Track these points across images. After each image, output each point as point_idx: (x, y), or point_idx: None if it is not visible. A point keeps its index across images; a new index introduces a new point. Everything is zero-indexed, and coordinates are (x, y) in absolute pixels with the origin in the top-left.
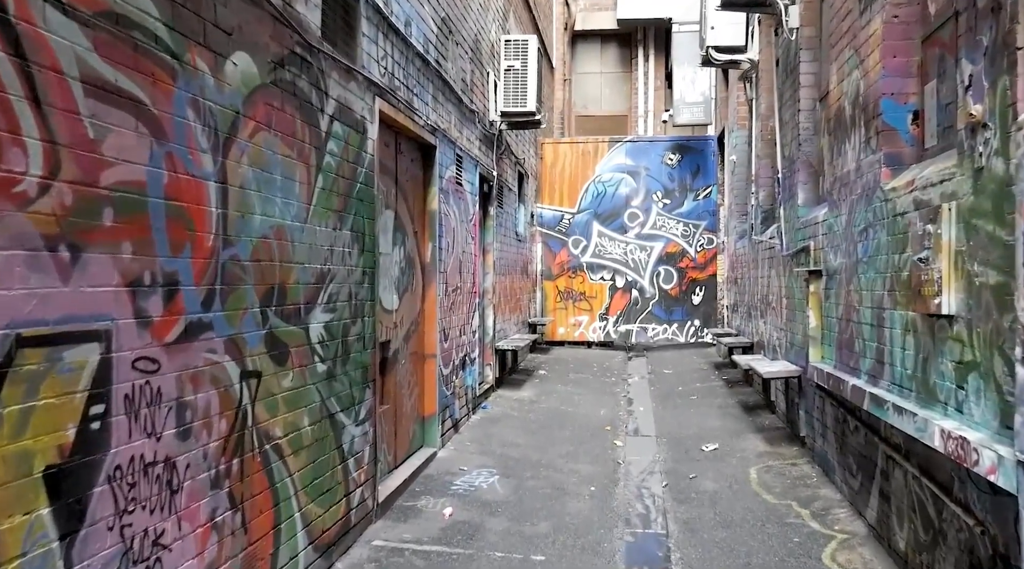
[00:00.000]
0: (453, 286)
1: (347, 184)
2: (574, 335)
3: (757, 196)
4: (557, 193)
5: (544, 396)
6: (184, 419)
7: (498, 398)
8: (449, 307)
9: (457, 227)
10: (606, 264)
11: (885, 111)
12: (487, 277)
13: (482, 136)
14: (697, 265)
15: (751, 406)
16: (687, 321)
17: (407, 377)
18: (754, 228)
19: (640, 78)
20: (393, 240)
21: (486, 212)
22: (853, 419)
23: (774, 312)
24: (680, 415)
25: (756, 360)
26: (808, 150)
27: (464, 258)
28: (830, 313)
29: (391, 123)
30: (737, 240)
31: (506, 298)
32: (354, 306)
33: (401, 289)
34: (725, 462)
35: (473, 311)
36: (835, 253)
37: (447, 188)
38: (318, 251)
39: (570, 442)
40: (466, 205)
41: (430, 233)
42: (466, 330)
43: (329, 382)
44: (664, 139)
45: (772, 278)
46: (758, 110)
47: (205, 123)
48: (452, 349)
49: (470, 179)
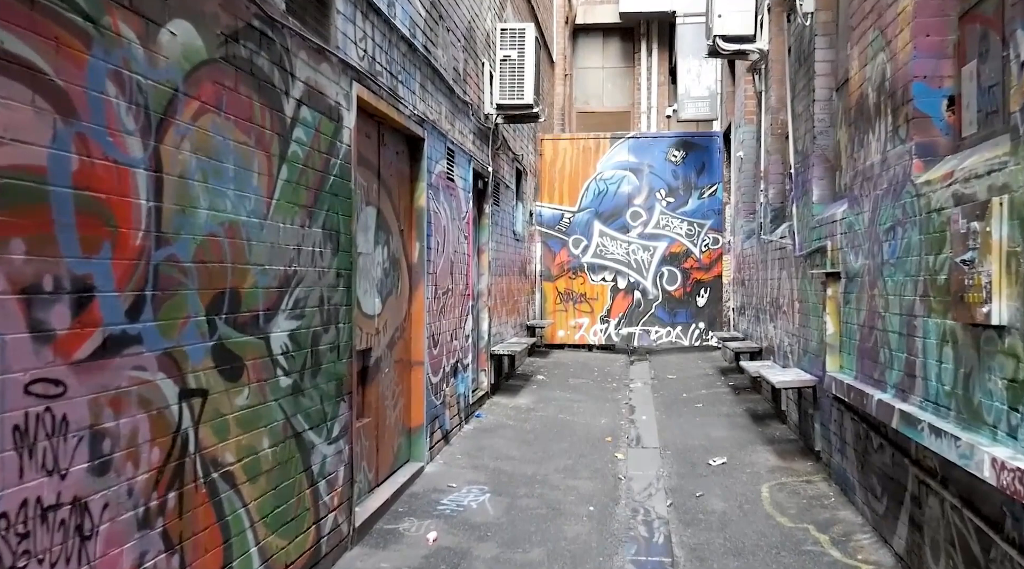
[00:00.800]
0: (444, 288)
1: (318, 177)
2: (574, 338)
3: (766, 193)
4: (557, 191)
5: (542, 403)
6: (100, 450)
7: (493, 406)
8: (439, 311)
9: (448, 225)
10: (608, 264)
11: (917, 96)
12: (482, 278)
13: (476, 130)
14: (702, 266)
15: (760, 415)
16: (691, 324)
17: (391, 387)
18: (763, 227)
19: (643, 73)
20: (375, 239)
21: (481, 210)
22: (877, 436)
23: (785, 316)
24: (685, 424)
25: (766, 368)
26: (824, 143)
27: (456, 258)
28: (850, 319)
29: (372, 112)
30: (744, 240)
31: (503, 300)
32: (326, 312)
33: (384, 292)
34: (734, 478)
35: (466, 315)
36: (856, 254)
37: (437, 184)
38: (282, 251)
39: (568, 455)
40: (458, 202)
41: (417, 232)
42: (458, 335)
43: (295, 397)
44: (668, 135)
45: (783, 280)
46: (768, 103)
47: (132, 101)
48: (442, 356)
49: (463, 175)
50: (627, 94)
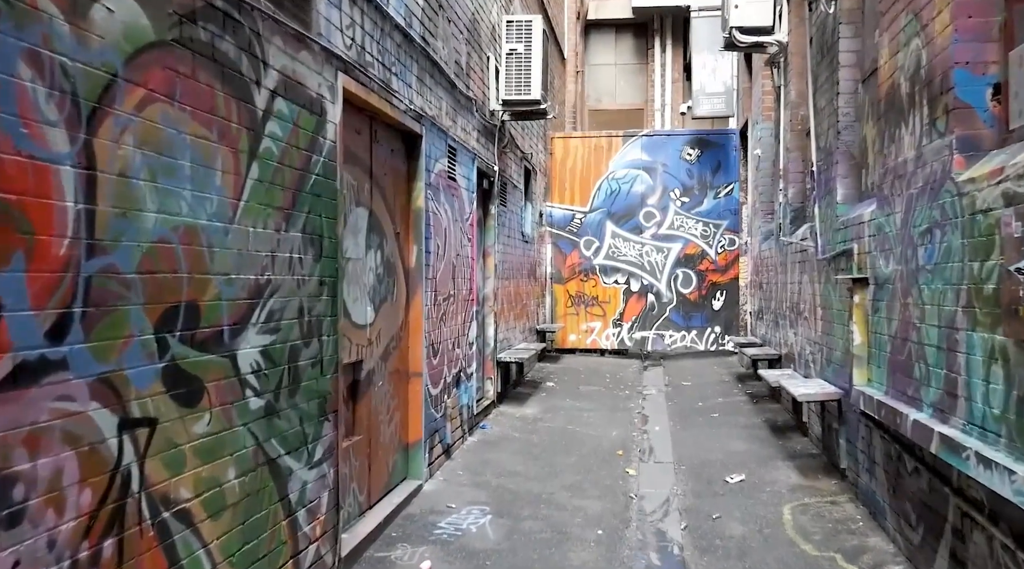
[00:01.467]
0: (444, 294)
1: (297, 176)
2: (586, 342)
3: (786, 193)
4: (568, 191)
5: (550, 413)
6: (9, 499)
7: (499, 416)
8: (439, 318)
9: (450, 227)
10: (620, 266)
11: (958, 85)
12: (487, 282)
13: (481, 127)
14: (718, 268)
15: (780, 427)
16: (707, 328)
17: (386, 401)
18: (782, 228)
19: (657, 70)
20: (367, 243)
21: (486, 211)
22: (911, 459)
23: (806, 323)
24: (701, 436)
25: (787, 378)
26: (848, 139)
27: (458, 262)
28: (879, 329)
29: (362, 106)
30: (762, 241)
31: (510, 304)
32: (307, 324)
33: (378, 300)
34: (753, 498)
35: (469, 321)
36: (886, 258)
37: (437, 183)
38: (252, 258)
39: (576, 470)
40: (461, 203)
41: (415, 234)
42: (461, 342)
43: (269, 420)
44: (682, 133)
45: (804, 284)
46: (787, 98)
47: (55, 87)
48: (443, 365)
49: (466, 174)
50: (640, 91)
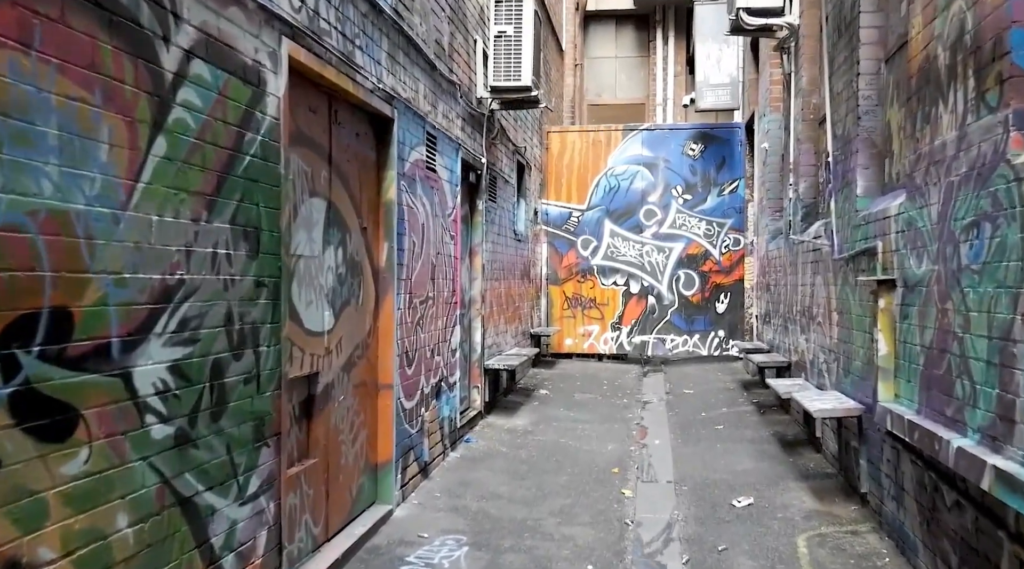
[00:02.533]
0: (422, 296)
1: (224, 156)
2: (583, 347)
3: (796, 188)
4: (564, 187)
5: (542, 425)
6: None
7: (486, 428)
8: (415, 323)
9: (428, 223)
10: (619, 267)
11: (1015, 48)
12: (474, 284)
13: (467, 115)
14: (722, 269)
15: (790, 441)
16: (710, 332)
17: (349, 417)
18: (792, 226)
19: (659, 63)
20: (325, 238)
21: (473, 206)
22: (953, 491)
23: (820, 328)
24: (704, 452)
25: (799, 390)
26: (869, 125)
27: (439, 261)
28: (910, 338)
29: (317, 80)
30: (769, 240)
31: (501, 307)
32: (238, 332)
33: (339, 303)
34: (764, 525)
35: (453, 325)
36: (918, 257)
37: (412, 174)
38: (156, 254)
39: (567, 492)
40: (442, 197)
41: (386, 230)
42: (442, 349)
43: (180, 452)
44: (685, 127)
45: (818, 286)
46: (798, 85)
47: None
48: (419, 375)
49: (448, 165)
50: (642, 85)
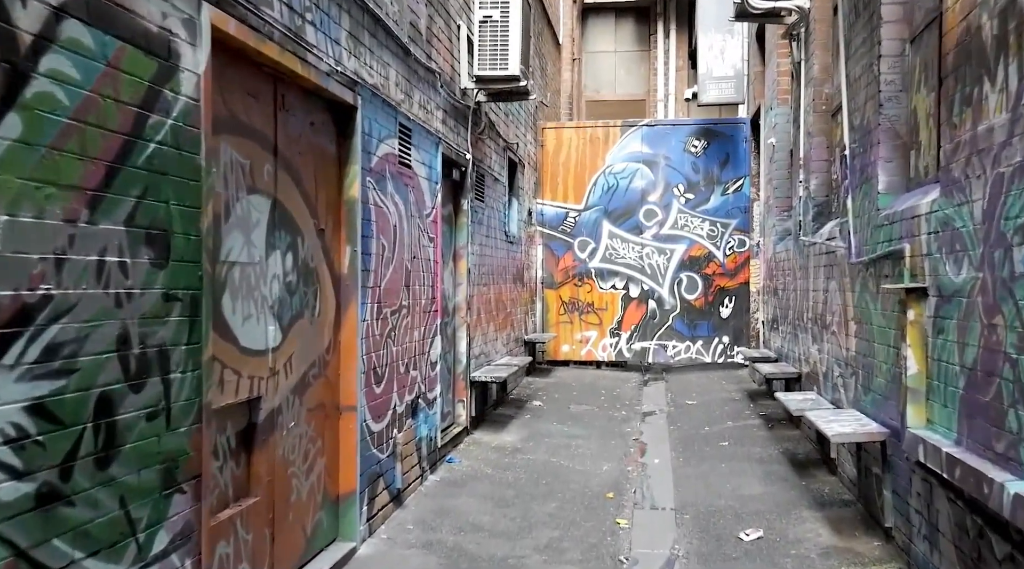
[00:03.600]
0: (394, 305)
1: (116, 143)
2: (580, 353)
3: (807, 185)
4: (561, 186)
5: (532, 442)
6: None
7: (472, 446)
8: (385, 335)
9: (402, 224)
10: (618, 270)
11: None
12: (459, 289)
13: (449, 107)
14: (726, 271)
15: (802, 461)
16: (714, 338)
17: (302, 445)
18: (803, 227)
19: (660, 57)
20: (269, 242)
21: (458, 206)
22: (1004, 542)
23: (834, 338)
24: (708, 473)
25: (812, 407)
26: (893, 113)
27: (416, 266)
28: (946, 356)
29: (256, 59)
30: (777, 242)
31: (490, 313)
32: (139, 358)
33: (288, 316)
34: (776, 564)
35: (433, 335)
36: (956, 262)
37: (382, 169)
38: (6, 264)
39: (555, 522)
40: (420, 195)
41: (348, 232)
42: (419, 362)
43: (45, 513)
44: (687, 123)
45: (832, 292)
46: (808, 75)
47: None
48: (391, 393)
49: (427, 161)
50: (642, 80)
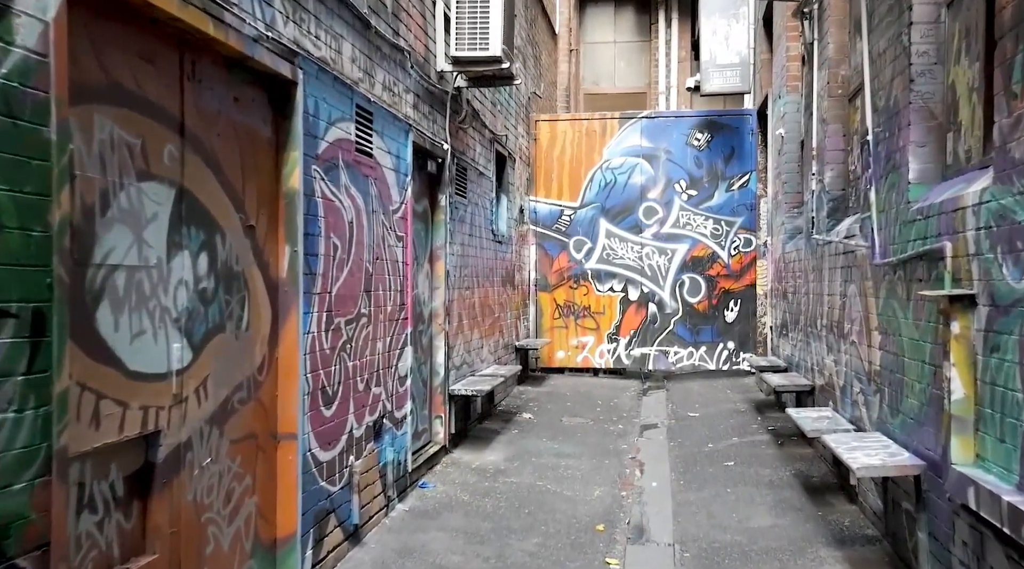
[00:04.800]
0: (349, 313)
1: None
2: (576, 360)
3: (821, 178)
4: (555, 182)
5: (518, 461)
6: None
7: (450, 467)
8: (337, 348)
9: (361, 221)
10: (616, 271)
11: None
12: (436, 293)
13: (422, 91)
14: (731, 273)
15: (816, 485)
16: (718, 343)
17: (222, 485)
18: (816, 223)
19: (661, 47)
20: (173, 240)
21: (434, 201)
22: None
23: (855, 349)
24: (712, 500)
25: (829, 426)
26: (926, 90)
27: (379, 268)
28: (1004, 379)
29: (150, 14)
30: (787, 241)
31: (474, 319)
32: None
33: (201, 330)
34: None
35: (402, 346)
36: (1018, 263)
37: (333, 157)
38: None
39: (535, 563)
40: (385, 188)
41: (288, 229)
42: (384, 377)
43: None
44: (689, 114)
45: (851, 297)
46: (823, 56)
47: None
48: (346, 414)
49: (393, 150)
50: (642, 72)
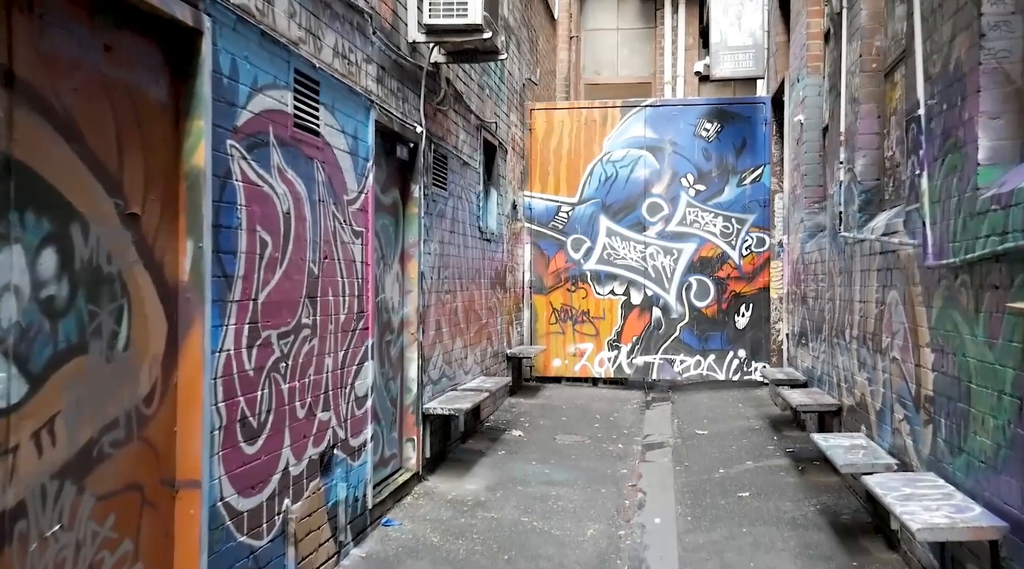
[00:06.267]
0: (285, 325)
1: None
2: (574, 369)
3: (851, 167)
4: (551, 176)
5: (501, 491)
6: None
7: (422, 498)
8: (266, 368)
9: (303, 212)
10: (617, 273)
11: None
12: (408, 298)
13: (389, 63)
14: (742, 275)
15: (847, 525)
16: (728, 351)
17: (82, 558)
18: (845, 219)
19: (667, 34)
20: None
21: (406, 192)
22: None
23: (896, 367)
24: (725, 545)
25: (871, 465)
26: (1001, 46)
27: (329, 270)
28: None
29: None
30: (806, 240)
31: (456, 326)
32: None
33: (45, 354)
34: None
35: (360, 360)
36: None
37: (261, 132)
38: None
39: None
40: (337, 174)
41: (191, 220)
42: (335, 399)
43: None
44: (697, 103)
45: (893, 305)
46: (853, 26)
47: None
48: (278, 449)
49: (350, 129)
50: (647, 61)
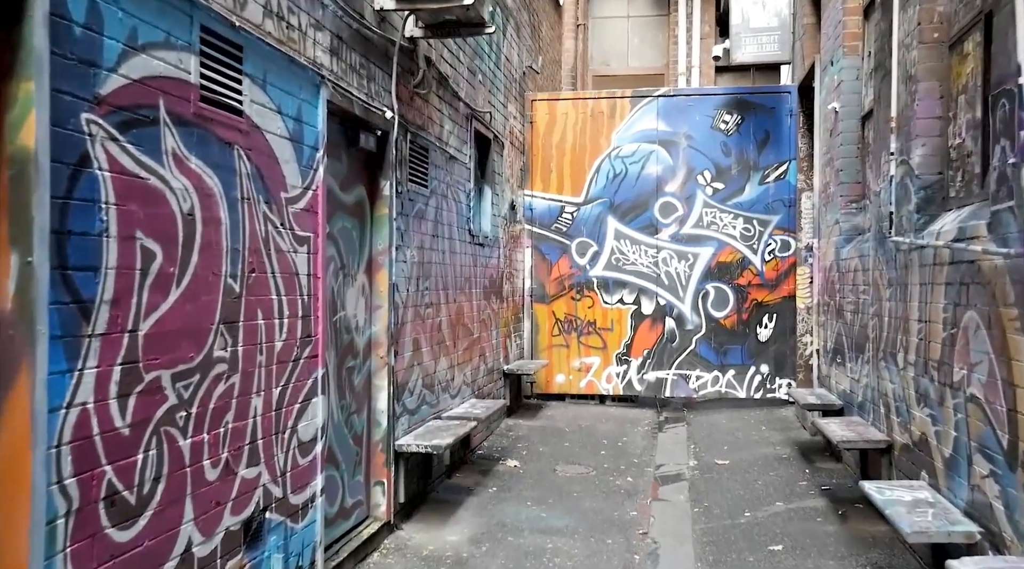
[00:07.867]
0: (182, 362)
1: None
2: (579, 385)
3: (906, 158)
4: (554, 173)
5: (487, 544)
6: None
7: (391, 556)
8: (150, 422)
9: (215, 213)
10: (627, 280)
11: None
12: (377, 315)
13: (349, 34)
14: (765, 282)
15: None
16: (749, 367)
17: None
18: (894, 221)
19: (681, 22)
20: None
21: (374, 189)
22: None
23: (976, 408)
24: None
25: (949, 533)
26: None
27: (256, 286)
28: None
29: None
30: (843, 244)
31: (440, 344)
32: None
33: None
34: None
35: (305, 398)
36: None
37: (146, 107)
38: None
39: None
40: (271, 166)
41: (14, 227)
42: (269, 449)
43: None
44: (715, 92)
45: (971, 329)
46: None
47: None
48: (171, 529)
49: (290, 110)
50: (660, 51)
